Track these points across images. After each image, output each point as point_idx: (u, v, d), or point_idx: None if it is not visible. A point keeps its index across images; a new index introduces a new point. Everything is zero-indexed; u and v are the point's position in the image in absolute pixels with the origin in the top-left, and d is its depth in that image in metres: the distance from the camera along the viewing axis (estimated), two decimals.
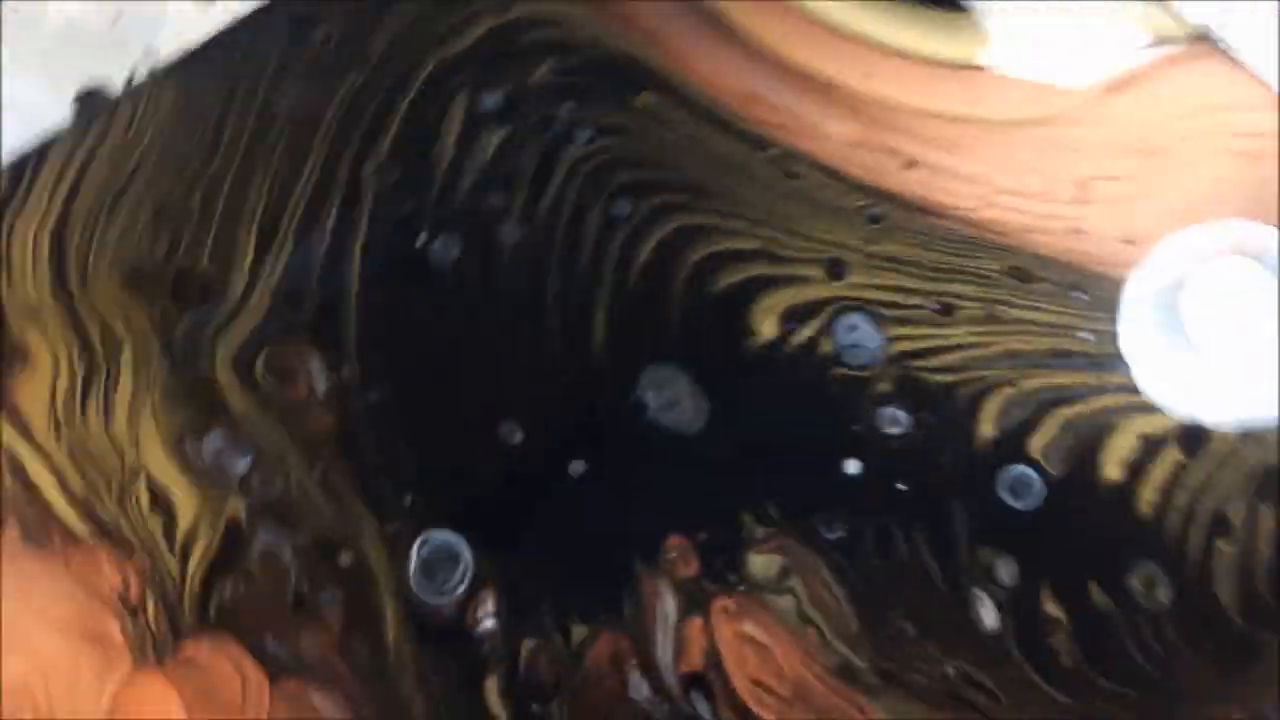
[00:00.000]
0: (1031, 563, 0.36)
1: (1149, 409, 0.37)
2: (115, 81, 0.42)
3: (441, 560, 0.36)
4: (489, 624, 0.35)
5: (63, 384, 0.38)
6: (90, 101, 0.43)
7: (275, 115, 0.42)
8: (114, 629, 0.35)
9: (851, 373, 0.38)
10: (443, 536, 0.36)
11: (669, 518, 0.36)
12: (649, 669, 0.35)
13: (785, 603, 0.35)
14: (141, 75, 0.42)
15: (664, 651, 0.35)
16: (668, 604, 0.35)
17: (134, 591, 0.35)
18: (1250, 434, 0.36)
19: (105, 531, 0.36)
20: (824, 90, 0.43)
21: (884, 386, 0.38)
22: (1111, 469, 0.37)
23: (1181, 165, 0.40)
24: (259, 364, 0.39)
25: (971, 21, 0.42)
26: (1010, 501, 0.36)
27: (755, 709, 0.34)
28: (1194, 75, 0.41)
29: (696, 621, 0.35)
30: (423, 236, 0.41)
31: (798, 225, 0.41)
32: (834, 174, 0.41)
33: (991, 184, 0.41)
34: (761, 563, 0.36)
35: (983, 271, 0.40)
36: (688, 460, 0.37)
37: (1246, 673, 0.35)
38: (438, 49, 0.43)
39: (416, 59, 0.43)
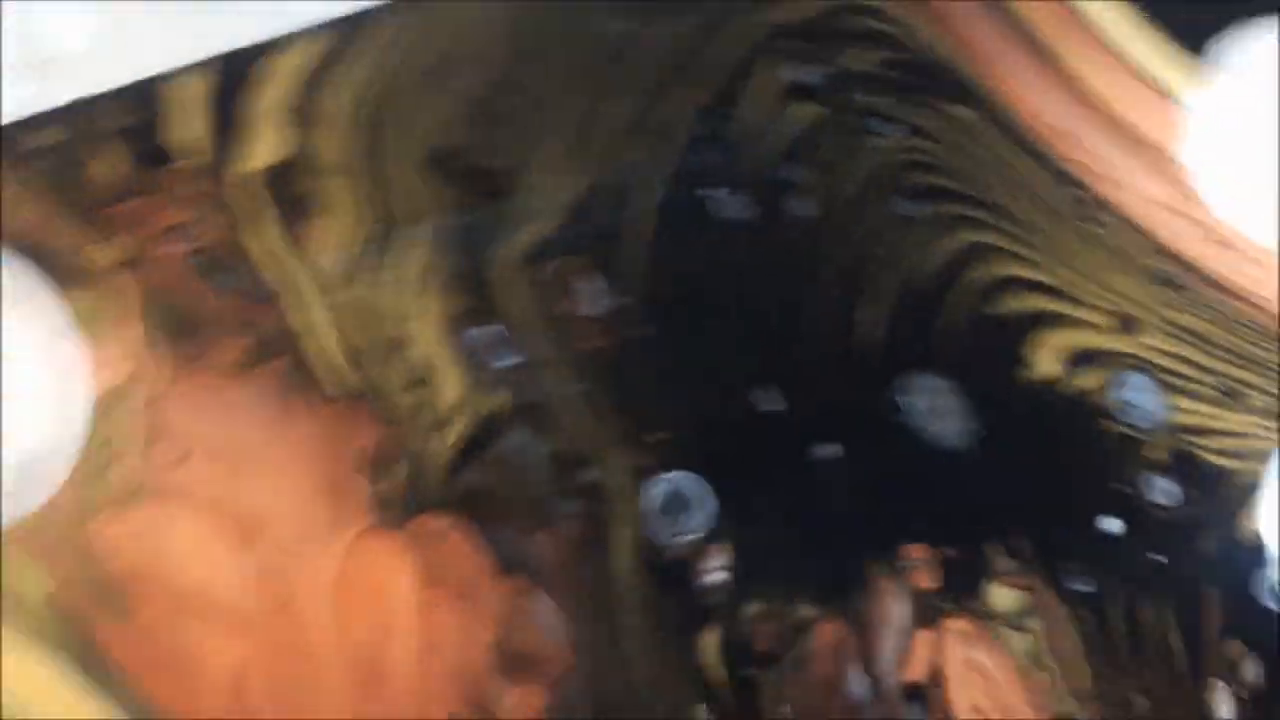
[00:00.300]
0: (1278, 668, 0.34)
1: None
2: None
3: (680, 502, 0.36)
4: (718, 577, 0.35)
5: (355, 241, 0.39)
6: None
7: (602, 43, 0.42)
8: (359, 485, 0.36)
9: (1126, 431, 0.37)
10: (687, 480, 0.36)
11: (913, 525, 0.36)
12: (870, 667, 0.34)
13: (1020, 641, 0.34)
14: None
15: (888, 655, 0.34)
16: (901, 610, 0.35)
17: (385, 454, 0.36)
18: None
19: (369, 389, 0.37)
20: (1141, 146, 0.42)
21: (1158, 454, 0.37)
22: None
23: None
24: (541, 272, 0.39)
25: None
26: (1268, 603, 0.35)
27: None
28: None
29: (927, 635, 0.34)
30: (719, 191, 0.41)
31: (1094, 271, 0.40)
32: (1138, 230, 0.41)
33: None
34: (1003, 595, 0.35)
35: (1275, 366, 0.39)
36: (943, 474, 0.37)
37: None
38: (768, 12, 0.43)
39: (749, 16, 0.43)
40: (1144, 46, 0.44)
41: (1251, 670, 0.34)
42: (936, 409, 0.37)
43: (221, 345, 0.37)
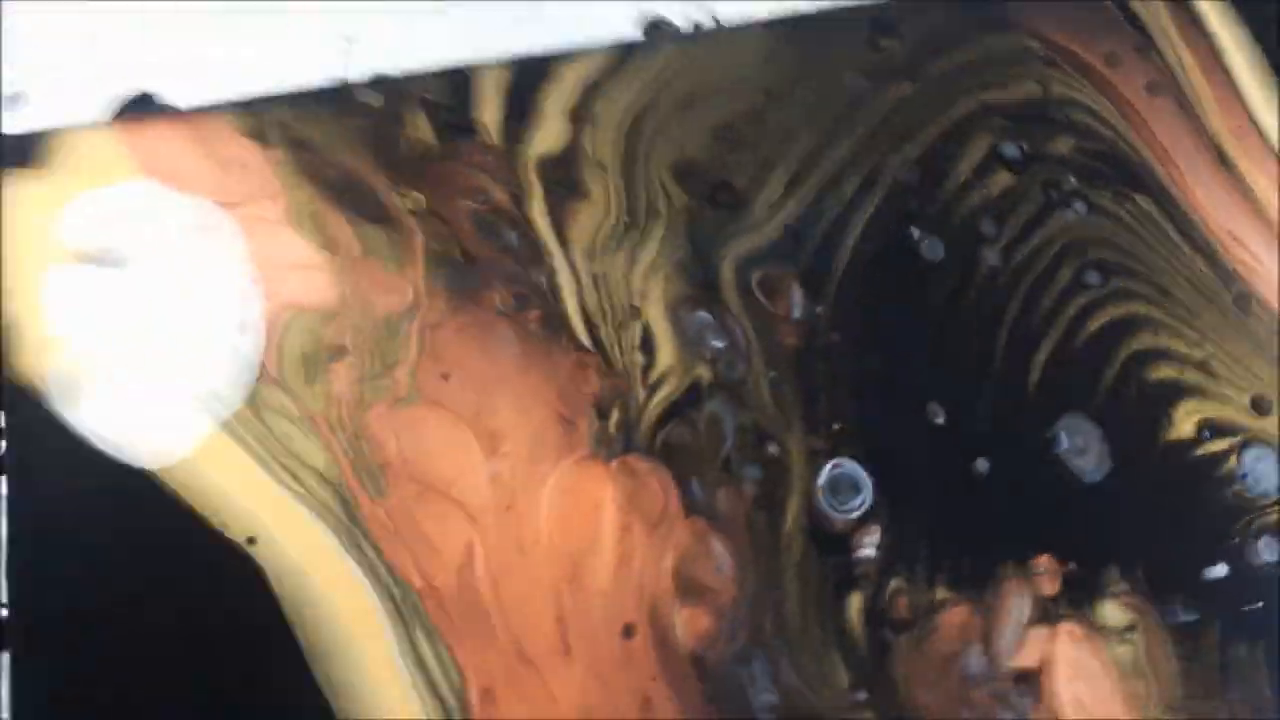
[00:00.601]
0: None
1: None
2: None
3: (846, 485, 0.43)
4: (868, 552, 0.42)
5: (606, 225, 0.47)
6: (656, 29, 0.52)
7: (839, 94, 0.50)
8: (584, 421, 0.44)
9: (1247, 495, 0.43)
10: (854, 467, 0.43)
11: (1046, 538, 0.42)
12: (988, 648, 0.40)
13: (1123, 652, 0.40)
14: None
15: (1007, 641, 0.41)
16: (1024, 606, 0.41)
17: (607, 400, 0.44)
18: None
19: (600, 347, 0.45)
20: None
21: (1270, 519, 0.43)
22: None
23: None
24: (755, 276, 0.47)
25: None
26: None
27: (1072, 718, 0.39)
28: None
29: (1043, 630, 0.41)
30: (917, 232, 0.48)
31: (1239, 356, 0.46)
32: None
33: None
34: (1113, 610, 0.41)
35: None
36: (1079, 502, 0.43)
37: None
38: (983, 91, 0.51)
39: (964, 92, 0.51)
40: None
41: None
42: (1083, 447, 0.44)
43: (491, 291, 0.46)
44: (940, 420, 0.44)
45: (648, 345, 0.45)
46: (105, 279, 0.44)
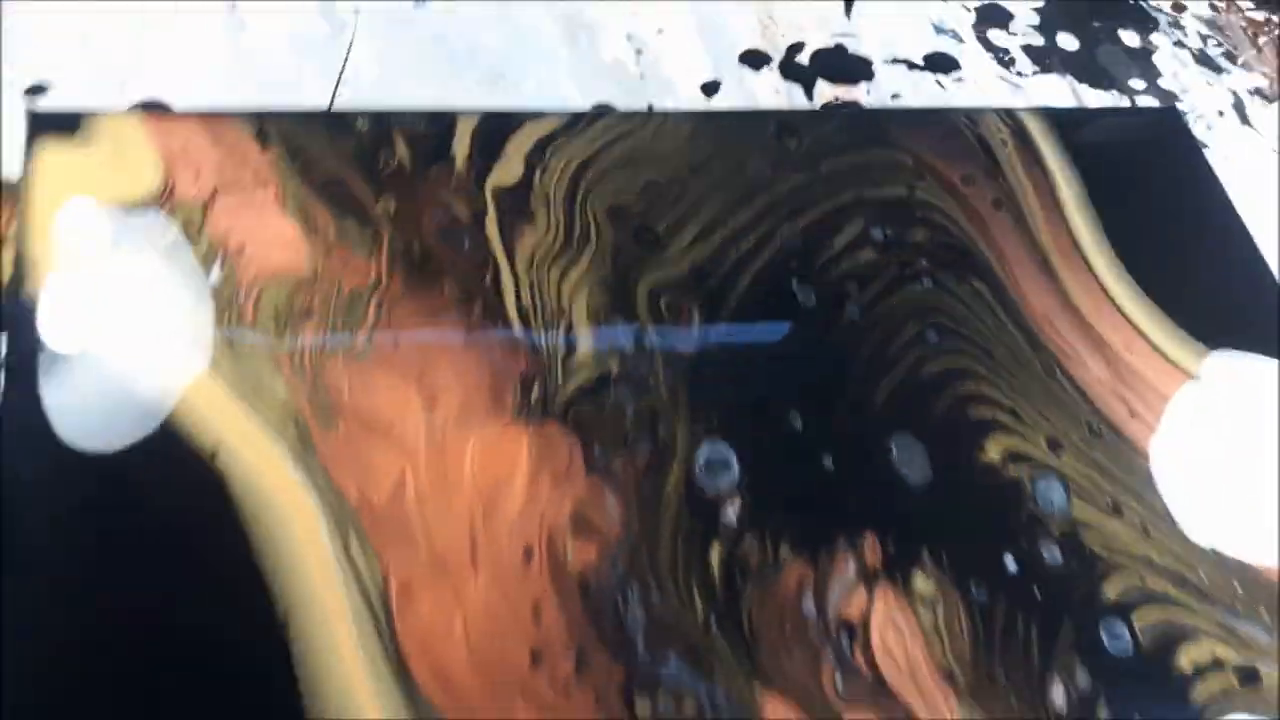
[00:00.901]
0: (1100, 679, 0.51)
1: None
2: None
3: (719, 464, 0.54)
4: (731, 518, 0.53)
5: (545, 244, 0.59)
6: (604, 109, 0.65)
7: (744, 174, 0.64)
8: (509, 393, 0.54)
9: (1038, 511, 0.55)
10: (726, 451, 0.54)
11: (874, 523, 0.53)
12: (819, 599, 0.51)
13: (927, 615, 0.51)
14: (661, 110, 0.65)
15: (835, 595, 0.51)
16: (850, 569, 0.52)
17: (531, 379, 0.55)
18: None
19: (530, 337, 0.56)
20: (1096, 340, 0.62)
21: (1056, 530, 0.55)
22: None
23: None
24: (664, 300, 0.59)
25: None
26: (1106, 642, 0.52)
27: (880, 662, 0.50)
28: None
29: (863, 590, 0.51)
30: (795, 282, 0.61)
31: (1041, 407, 0.58)
32: (1081, 392, 0.60)
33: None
34: (922, 582, 0.52)
35: (1148, 500, 0.57)
36: (903, 498, 0.54)
37: None
38: (861, 188, 0.65)
39: (846, 186, 0.64)
40: (1130, 300, 0.64)
41: (1083, 678, 0.51)
42: (910, 459, 0.56)
43: (443, 282, 0.56)
44: (799, 425, 0.55)
45: (569, 340, 0.56)
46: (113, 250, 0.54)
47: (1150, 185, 0.67)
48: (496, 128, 0.59)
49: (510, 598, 0.46)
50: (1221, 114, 0.82)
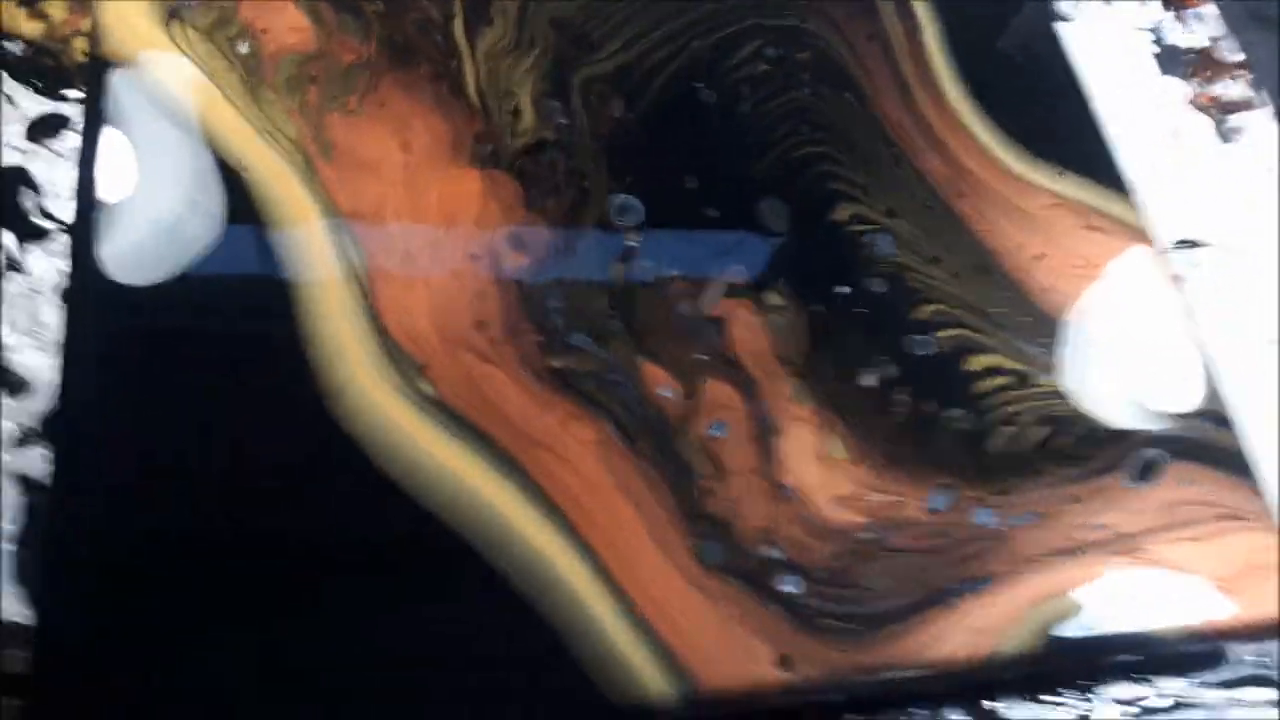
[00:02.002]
0: (904, 370, 0.70)
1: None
2: None
3: (628, 209, 0.72)
4: (633, 243, 0.72)
5: (502, 42, 0.77)
6: None
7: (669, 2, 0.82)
8: (467, 147, 0.72)
9: (872, 255, 0.74)
10: (634, 200, 0.73)
11: (742, 258, 0.72)
12: (693, 303, 0.70)
13: (775, 319, 0.71)
14: None
15: (707, 300, 0.70)
16: (720, 286, 0.71)
17: (484, 138, 0.73)
18: None
19: (485, 108, 0.74)
20: (939, 143, 0.80)
21: (884, 270, 0.74)
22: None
23: None
24: (595, 89, 0.77)
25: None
26: (912, 346, 0.71)
27: (735, 346, 0.69)
28: None
29: (728, 300, 0.71)
30: (700, 86, 0.79)
31: (887, 187, 0.77)
32: (921, 178, 0.78)
33: (1000, 229, 0.77)
34: (774, 297, 0.71)
35: (964, 257, 0.76)
36: (767, 241, 0.73)
37: None
38: (763, 18, 0.83)
39: (748, 16, 0.83)
40: (971, 117, 0.83)
41: (890, 369, 0.70)
42: (775, 214, 0.75)
43: (419, 64, 0.75)
44: (694, 186, 0.74)
45: (516, 112, 0.74)
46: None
47: (1002, 39, 0.86)
48: None
49: (460, 284, 0.65)
50: None
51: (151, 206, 0.60)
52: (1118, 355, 0.68)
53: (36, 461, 0.56)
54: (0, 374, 0.58)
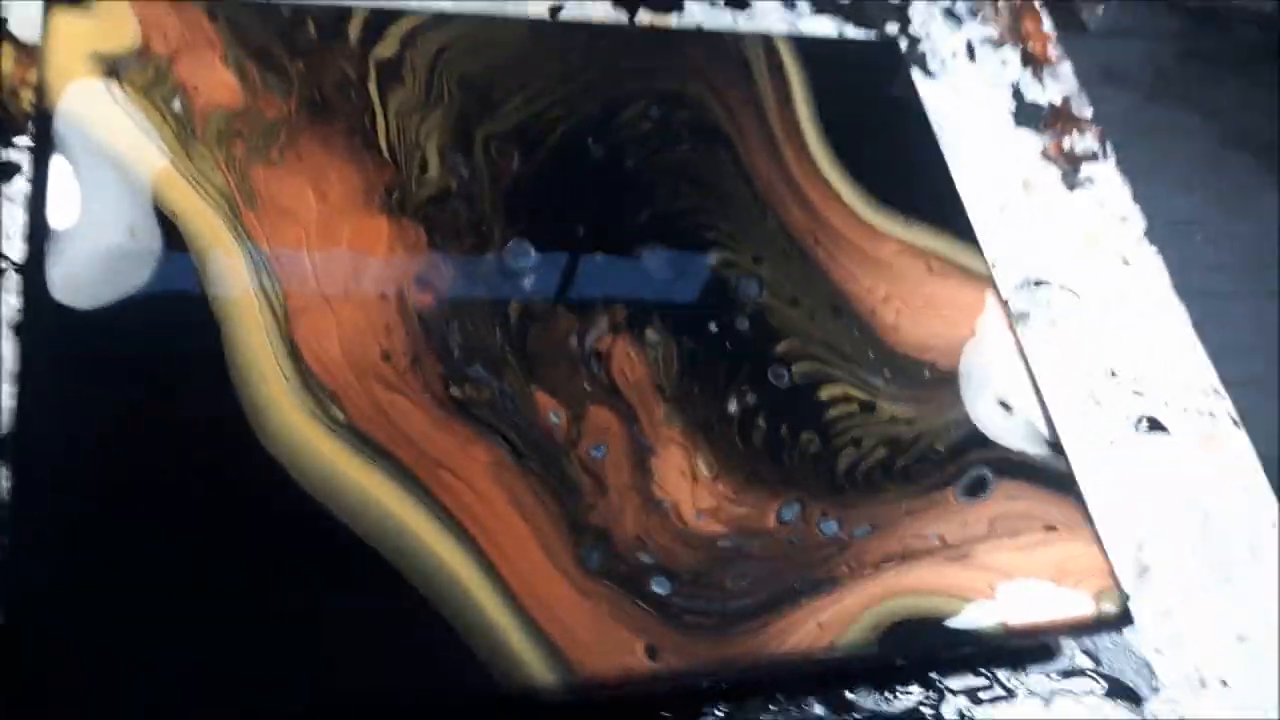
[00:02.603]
0: (762, 399, 0.82)
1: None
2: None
3: (522, 252, 0.83)
4: (526, 286, 0.82)
5: (410, 100, 0.88)
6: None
7: (565, 62, 0.93)
8: (378, 197, 0.83)
9: (738, 298, 0.86)
10: (527, 245, 0.84)
11: (623, 295, 0.84)
12: (580, 338, 0.81)
13: (650, 352, 0.82)
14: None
15: (590, 337, 0.81)
16: (604, 323, 0.82)
17: (393, 186, 0.84)
18: None
19: (395, 160, 0.85)
20: (802, 198, 0.93)
21: (749, 311, 0.86)
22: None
23: None
24: (494, 145, 0.88)
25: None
26: (771, 377, 0.83)
27: (615, 377, 0.80)
28: None
29: (610, 335, 0.82)
30: (591, 140, 0.90)
31: (754, 236, 0.89)
32: (783, 228, 0.91)
33: (852, 274, 0.89)
34: (650, 333, 0.83)
35: (819, 300, 0.88)
36: (647, 283, 0.85)
37: None
38: (651, 81, 0.95)
39: (637, 80, 0.94)
40: (833, 174, 0.95)
41: (751, 397, 0.82)
42: (654, 260, 0.86)
43: (335, 121, 0.85)
44: (582, 233, 0.85)
45: (424, 164, 0.84)
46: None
47: (866, 98, 0.99)
48: (381, 19, 0.87)
49: (369, 320, 0.75)
50: (955, 55, 1.14)
51: (95, 238, 0.69)
52: (955, 386, 0.80)
53: None
54: None
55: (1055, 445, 0.78)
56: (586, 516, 0.67)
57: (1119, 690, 0.77)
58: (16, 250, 0.71)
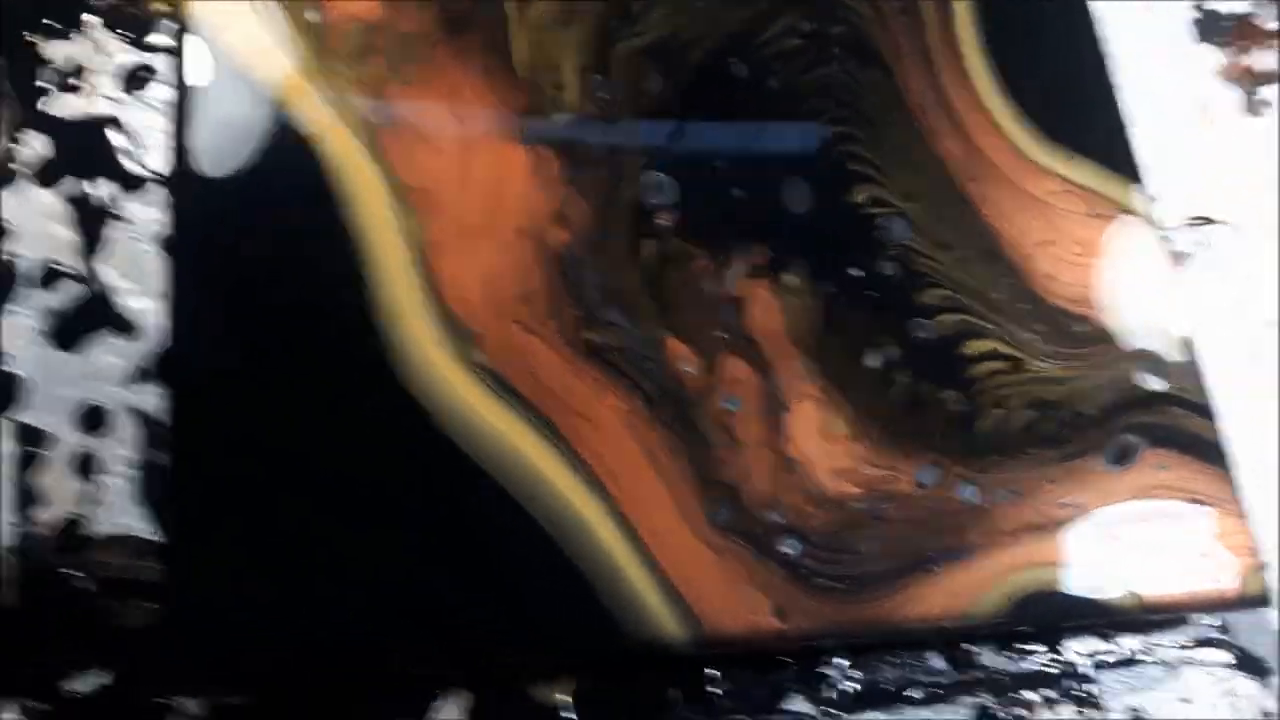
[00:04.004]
0: (905, 351, 0.83)
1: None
2: None
3: (661, 186, 0.84)
4: (665, 223, 0.83)
5: (548, 13, 0.87)
6: None
7: None
8: (512, 119, 0.84)
9: (884, 239, 0.86)
10: (666, 179, 0.84)
11: (762, 237, 0.84)
12: (716, 282, 0.82)
13: (790, 299, 0.83)
14: None
15: (728, 280, 0.82)
16: (740, 266, 0.83)
17: (530, 111, 0.84)
18: None
19: (531, 80, 0.85)
20: (957, 123, 0.91)
21: (895, 253, 0.86)
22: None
23: None
24: (636, 61, 0.87)
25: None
26: (914, 330, 0.84)
27: (752, 324, 0.81)
28: None
29: (747, 280, 0.83)
30: (734, 60, 0.90)
31: (904, 167, 0.88)
32: (937, 161, 0.89)
33: (1008, 215, 0.88)
34: (788, 278, 0.83)
35: (973, 244, 0.87)
36: (787, 221, 0.85)
37: None
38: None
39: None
40: (993, 98, 0.93)
41: (892, 350, 0.83)
42: (795, 195, 0.86)
43: (471, 34, 0.85)
44: (722, 165, 0.85)
45: (559, 85, 0.85)
46: None
47: (1033, 10, 0.95)
48: None
49: (507, 259, 0.77)
50: None
51: (234, 103, 0.72)
52: (1109, 342, 0.80)
53: (151, 398, 0.70)
54: (112, 317, 0.71)
55: (1207, 411, 0.78)
56: (717, 472, 0.70)
57: (1249, 663, 0.79)
58: (155, 162, 0.74)
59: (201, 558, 0.62)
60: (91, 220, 0.73)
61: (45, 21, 0.77)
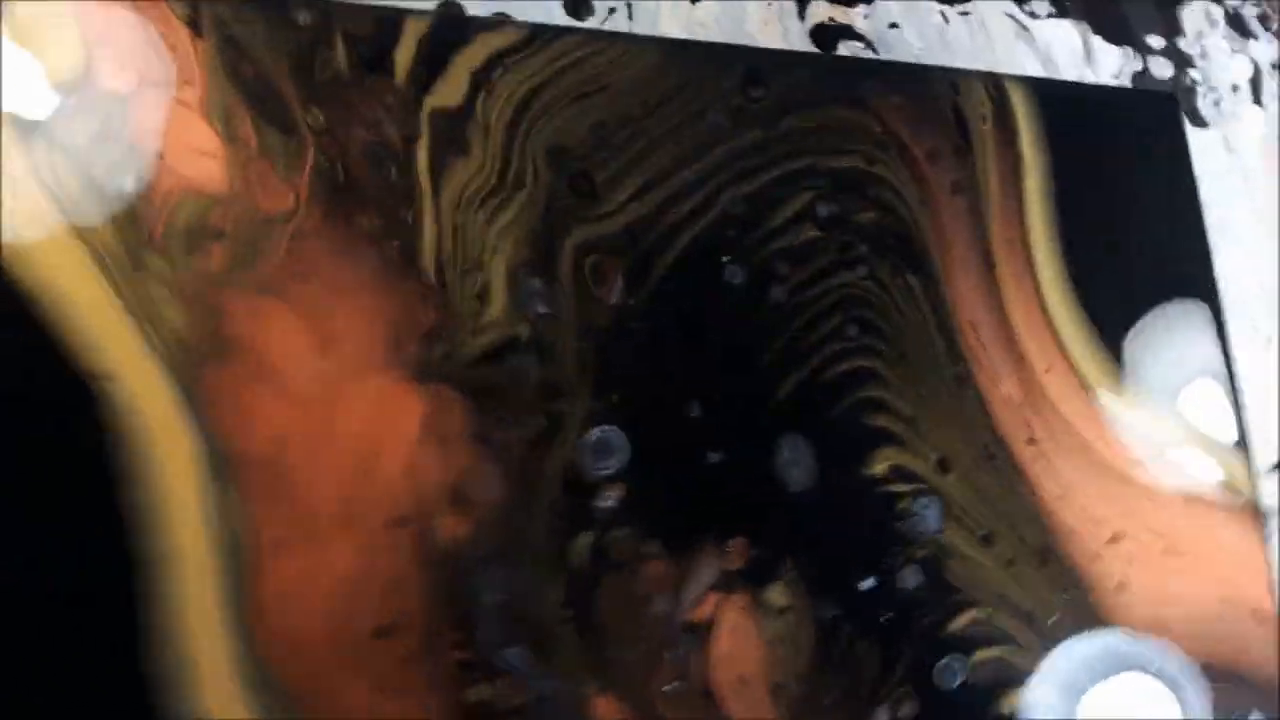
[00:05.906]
0: (924, 711, 0.47)
1: None
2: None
3: (607, 448, 0.48)
4: (610, 504, 0.47)
5: (477, 183, 0.51)
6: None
7: (700, 124, 0.54)
8: (411, 346, 0.48)
9: (909, 532, 0.50)
10: (618, 435, 0.48)
11: (746, 525, 0.48)
12: (672, 599, 0.47)
13: (772, 627, 0.47)
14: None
15: (688, 597, 0.47)
16: (711, 573, 0.47)
17: (437, 334, 0.48)
18: None
19: (444, 286, 0.49)
20: (1017, 356, 0.54)
21: (922, 554, 0.50)
22: None
23: None
24: (589, 260, 0.51)
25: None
26: (939, 676, 0.48)
27: (714, 669, 0.46)
28: None
29: (716, 595, 0.47)
30: (727, 259, 0.53)
31: (941, 422, 0.52)
32: (985, 411, 0.53)
33: (1073, 495, 0.52)
34: (777, 593, 0.48)
35: (1026, 539, 0.51)
36: (781, 502, 0.49)
37: None
38: (820, 155, 0.55)
39: (801, 151, 0.55)
40: (1065, 315, 0.56)
41: (908, 709, 0.47)
42: (796, 460, 0.50)
43: (363, 214, 0.48)
44: (696, 413, 0.49)
45: (484, 295, 0.48)
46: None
47: (1123, 182, 0.58)
48: (443, 35, 0.49)
49: (374, 566, 0.42)
50: (1236, 89, 0.70)
51: None
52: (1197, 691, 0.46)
53: None
54: None
55: None
56: None
57: None
58: None
59: None
60: None
61: None
